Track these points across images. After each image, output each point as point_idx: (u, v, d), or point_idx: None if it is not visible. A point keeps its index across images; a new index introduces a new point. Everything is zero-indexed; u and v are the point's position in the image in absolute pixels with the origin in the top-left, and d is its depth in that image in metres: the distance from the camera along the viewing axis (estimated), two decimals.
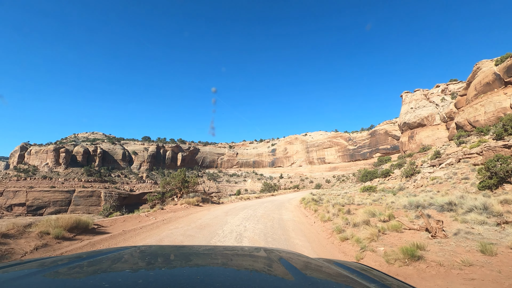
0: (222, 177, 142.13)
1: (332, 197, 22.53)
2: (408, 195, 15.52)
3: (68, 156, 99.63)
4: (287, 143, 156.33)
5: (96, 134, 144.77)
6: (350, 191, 29.58)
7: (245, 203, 24.93)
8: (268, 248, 2.69)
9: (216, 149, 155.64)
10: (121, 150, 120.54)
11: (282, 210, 17.91)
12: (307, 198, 22.31)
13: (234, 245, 7.71)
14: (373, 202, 15.47)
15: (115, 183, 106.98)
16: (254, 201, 27.91)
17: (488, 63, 41.54)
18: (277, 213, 15.73)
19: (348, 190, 35.90)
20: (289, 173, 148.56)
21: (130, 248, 2.36)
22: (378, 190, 22.69)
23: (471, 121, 39.16)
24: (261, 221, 12.15)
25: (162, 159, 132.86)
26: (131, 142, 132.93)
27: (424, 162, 34.83)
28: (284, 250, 2.75)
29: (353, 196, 21.33)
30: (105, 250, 2.28)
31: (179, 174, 23.35)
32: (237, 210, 16.89)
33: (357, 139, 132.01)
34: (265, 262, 2.00)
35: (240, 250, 2.64)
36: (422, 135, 59.67)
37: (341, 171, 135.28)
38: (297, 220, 13.44)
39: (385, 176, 37.89)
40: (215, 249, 2.61)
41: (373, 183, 37.03)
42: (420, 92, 68.50)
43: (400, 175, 31.09)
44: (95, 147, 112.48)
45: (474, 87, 42.29)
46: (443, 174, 20.15)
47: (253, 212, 15.72)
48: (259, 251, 2.44)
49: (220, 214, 14.78)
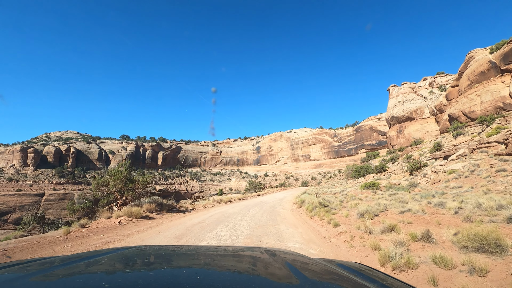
0: (206, 176, 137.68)
1: (337, 197, 18.43)
2: (437, 194, 12.63)
3: (37, 156, 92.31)
4: (271, 141, 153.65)
5: (71, 133, 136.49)
6: (348, 189, 26.68)
7: (224, 209, 17.74)
8: (269, 248, 2.63)
9: (199, 148, 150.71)
10: (97, 150, 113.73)
11: (278, 222, 11.85)
12: (307, 200, 17.07)
13: (235, 245, 7.37)
14: (411, 208, 10.16)
15: (90, 184, 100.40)
16: (237, 205, 20.67)
17: (482, 52, 39.89)
18: (273, 233, 9.48)
19: (344, 187, 32.96)
20: (274, 171, 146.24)
21: (130, 248, 2.36)
22: (384, 188, 19.89)
23: (466, 112, 37.31)
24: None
25: (142, 158, 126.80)
26: (108, 141, 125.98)
27: (422, 155, 32.59)
28: (285, 250, 2.69)
29: (356, 195, 18.28)
30: (105, 250, 2.28)
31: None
32: (205, 227, 10.44)
33: (342, 135, 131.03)
34: (269, 265, 1.95)
35: (241, 250, 2.63)
36: (411, 129, 58.09)
37: (327, 168, 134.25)
38: (317, 248, 7.59)
39: (380, 171, 35.45)
40: (218, 249, 2.62)
41: (368, 179, 34.48)
42: (408, 86, 67.13)
43: (401, 169, 28.63)
44: (68, 146, 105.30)
45: (467, 77, 40.57)
46: (462, 167, 17.51)
47: (232, 233, 9.40)
48: (262, 252, 2.36)
49: (169, 238, 8.59)
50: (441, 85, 60.51)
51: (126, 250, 2.21)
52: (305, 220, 13.01)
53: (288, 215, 14.38)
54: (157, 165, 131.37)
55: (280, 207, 18.58)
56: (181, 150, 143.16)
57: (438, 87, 61.17)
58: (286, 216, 14.11)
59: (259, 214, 14.65)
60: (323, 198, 17.15)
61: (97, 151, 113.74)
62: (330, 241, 8.57)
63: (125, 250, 2.24)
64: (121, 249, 2.32)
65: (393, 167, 34.38)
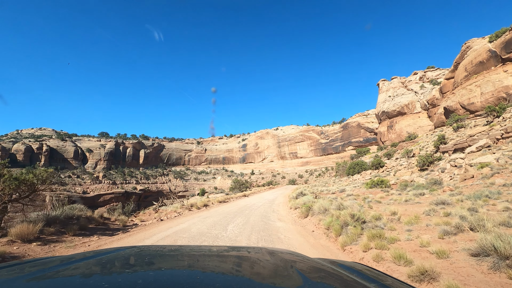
0: (190, 174, 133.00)
1: (343, 200, 14.03)
2: (492, 195, 9.57)
3: (4, 154, 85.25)
4: (258, 138, 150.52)
5: (45, 130, 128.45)
6: (347, 188, 23.66)
7: (189, 223, 11.55)
8: (269, 249, 2.61)
9: (183, 145, 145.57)
10: (72, 148, 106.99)
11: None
12: (317, 207, 11.66)
13: (235, 245, 7.03)
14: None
15: (65, 184, 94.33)
16: (212, 214, 14.63)
17: (480, 41, 37.94)
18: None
19: (341, 186, 29.88)
20: (261, 169, 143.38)
21: (130, 248, 2.34)
22: (395, 186, 16.97)
23: (465, 104, 35.19)
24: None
25: (122, 157, 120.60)
26: (86, 138, 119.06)
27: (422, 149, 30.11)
28: (284, 250, 2.68)
29: (366, 196, 15.12)
30: (105, 250, 2.25)
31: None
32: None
33: (329, 133, 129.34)
34: (270, 266, 1.95)
35: (241, 250, 2.61)
36: (403, 124, 56.17)
37: (314, 165, 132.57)
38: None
39: (377, 167, 32.78)
40: (219, 249, 2.61)
41: (364, 176, 31.78)
42: (398, 80, 65.37)
43: (402, 165, 25.97)
44: (40, 144, 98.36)
45: (464, 68, 38.55)
46: (495, 159, 14.75)
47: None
48: (263, 254, 2.34)
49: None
50: (432, 79, 58.93)
51: (126, 250, 2.18)
52: (321, 243, 7.87)
53: (294, 237, 8.77)
54: (138, 164, 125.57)
55: (274, 215, 13.70)
56: (164, 148, 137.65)
57: (429, 81, 59.59)
58: (291, 238, 8.62)
59: (245, 234, 9.12)
60: (339, 203, 11.47)
61: (72, 149, 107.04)
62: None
63: (125, 250, 2.21)
64: (121, 249, 2.30)
65: (392, 162, 31.82)
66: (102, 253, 2.07)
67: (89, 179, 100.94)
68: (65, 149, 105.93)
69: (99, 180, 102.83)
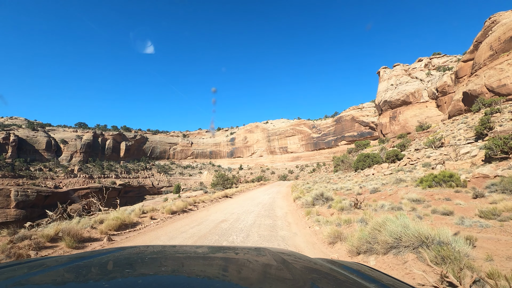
0: (175, 169, 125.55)
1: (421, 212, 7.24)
2: None
3: None
4: (247, 132, 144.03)
5: (16, 120, 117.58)
6: (376, 184, 17.71)
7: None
8: (270, 249, 2.54)
9: (168, 138, 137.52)
10: (45, 138, 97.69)
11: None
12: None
13: (236, 245, 6.85)
14: None
15: (34, 178, 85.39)
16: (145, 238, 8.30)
17: (509, 14, 32.49)
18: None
19: (349, 183, 23.82)
20: (249, 163, 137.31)
21: (130, 248, 2.31)
22: (471, 184, 11.13)
23: (494, 87, 29.84)
24: None
25: (101, 149, 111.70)
26: (60, 129, 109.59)
27: (453, 137, 24.54)
28: (283, 250, 2.63)
29: (440, 206, 9.11)
30: (105, 250, 2.22)
31: None
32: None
33: (322, 127, 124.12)
34: (269, 264, 1.93)
35: (242, 250, 2.53)
36: (408, 114, 50.90)
37: (305, 160, 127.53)
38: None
39: (393, 160, 27.09)
40: (221, 249, 2.60)
41: (379, 170, 26.10)
42: (400, 67, 60.12)
43: (432, 156, 20.32)
44: (7, 134, 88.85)
45: (488, 47, 33.19)
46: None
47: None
48: (264, 254, 2.27)
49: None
50: (439, 66, 53.78)
51: (126, 250, 2.15)
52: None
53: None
54: (119, 157, 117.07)
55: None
56: (148, 140, 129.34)
57: (436, 69, 54.40)
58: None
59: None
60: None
61: (45, 140, 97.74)
62: None
63: (125, 250, 2.18)
64: (121, 249, 2.28)
65: (414, 154, 26.20)
66: (102, 253, 1.98)
67: (63, 173, 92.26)
68: (36, 139, 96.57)
69: (74, 174, 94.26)
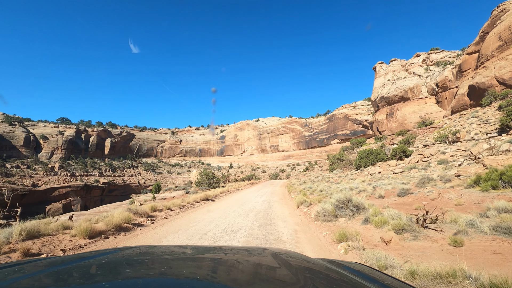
0: (163, 167, 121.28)
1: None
2: None
3: None
4: (237, 130, 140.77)
5: None
6: (393, 184, 14.97)
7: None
8: (270, 249, 2.53)
9: (156, 135, 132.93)
10: (23, 134, 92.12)
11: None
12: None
13: (237, 245, 6.66)
14: None
15: (11, 176, 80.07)
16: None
17: None
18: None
19: (356, 182, 21.01)
20: (240, 162, 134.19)
21: (130, 248, 2.30)
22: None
23: (506, 78, 27.77)
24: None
25: (85, 146, 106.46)
26: (41, 124, 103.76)
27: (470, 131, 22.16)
28: (283, 250, 2.61)
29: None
30: (105, 250, 2.20)
31: None
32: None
33: (314, 125, 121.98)
34: (268, 263, 1.94)
35: (242, 250, 2.52)
36: (406, 110, 48.82)
37: (296, 159, 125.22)
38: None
39: (400, 157, 24.57)
40: (222, 249, 2.61)
41: (386, 167, 23.62)
42: (397, 63, 58.19)
43: (446, 153, 17.85)
44: None
45: (497, 37, 31.11)
46: None
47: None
48: (265, 255, 2.28)
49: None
50: (438, 61, 51.84)
51: (126, 250, 2.15)
52: None
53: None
54: (103, 154, 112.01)
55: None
56: (134, 137, 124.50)
57: (434, 64, 52.46)
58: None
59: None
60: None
61: (23, 135, 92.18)
62: None
63: (125, 250, 2.18)
64: (121, 249, 2.26)
65: (426, 150, 23.76)
66: (102, 253, 1.97)
67: (42, 170, 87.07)
68: (13, 135, 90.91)
69: (54, 172, 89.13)
